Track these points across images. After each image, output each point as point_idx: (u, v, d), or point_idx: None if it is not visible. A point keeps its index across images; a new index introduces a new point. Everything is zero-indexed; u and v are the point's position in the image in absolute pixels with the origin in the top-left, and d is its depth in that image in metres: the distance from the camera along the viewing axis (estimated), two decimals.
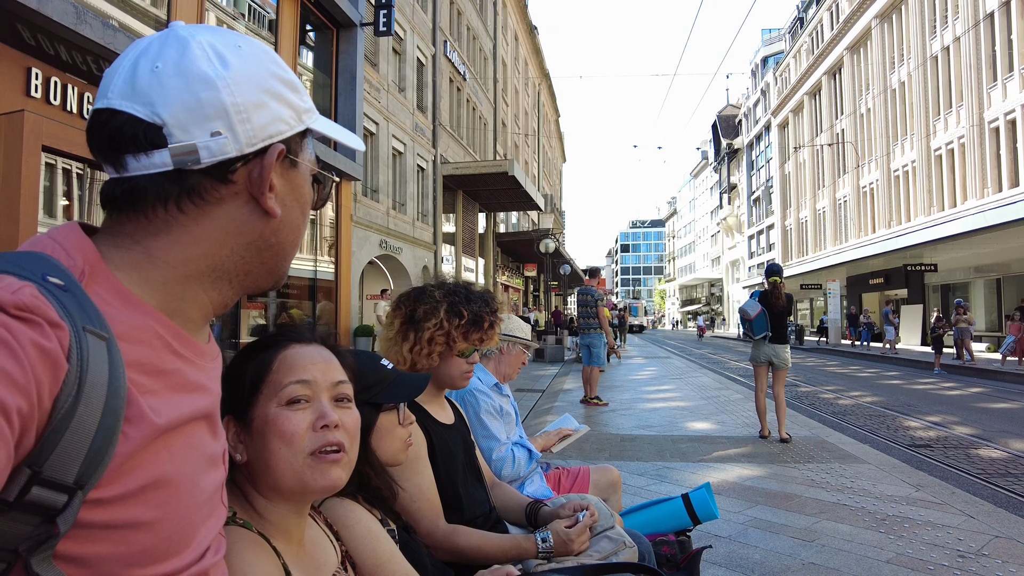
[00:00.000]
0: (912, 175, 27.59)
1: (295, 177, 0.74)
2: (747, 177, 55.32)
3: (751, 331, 6.67)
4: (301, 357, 0.97)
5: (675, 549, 2.32)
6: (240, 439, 0.92)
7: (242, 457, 0.92)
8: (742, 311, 6.74)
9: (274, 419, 0.91)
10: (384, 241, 16.03)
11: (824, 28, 37.40)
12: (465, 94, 23.54)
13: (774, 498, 4.39)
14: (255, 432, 0.92)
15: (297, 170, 0.74)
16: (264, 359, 0.96)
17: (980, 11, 23.03)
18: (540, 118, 43.01)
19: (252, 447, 0.92)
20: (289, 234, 0.75)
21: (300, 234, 0.77)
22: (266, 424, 0.91)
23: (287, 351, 0.97)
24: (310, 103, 0.77)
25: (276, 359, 0.96)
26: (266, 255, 0.73)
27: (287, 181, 0.73)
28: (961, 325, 17.40)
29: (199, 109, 0.64)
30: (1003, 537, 3.59)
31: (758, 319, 6.58)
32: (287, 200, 0.73)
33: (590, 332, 9.13)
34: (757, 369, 6.76)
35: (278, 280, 0.78)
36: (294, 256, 0.78)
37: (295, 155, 0.74)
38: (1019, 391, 12.45)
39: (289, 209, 0.74)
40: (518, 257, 32.00)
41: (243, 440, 0.92)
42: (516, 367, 2.71)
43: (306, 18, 11.28)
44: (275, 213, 0.71)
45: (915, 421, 8.81)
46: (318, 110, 0.79)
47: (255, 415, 0.92)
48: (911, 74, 27.40)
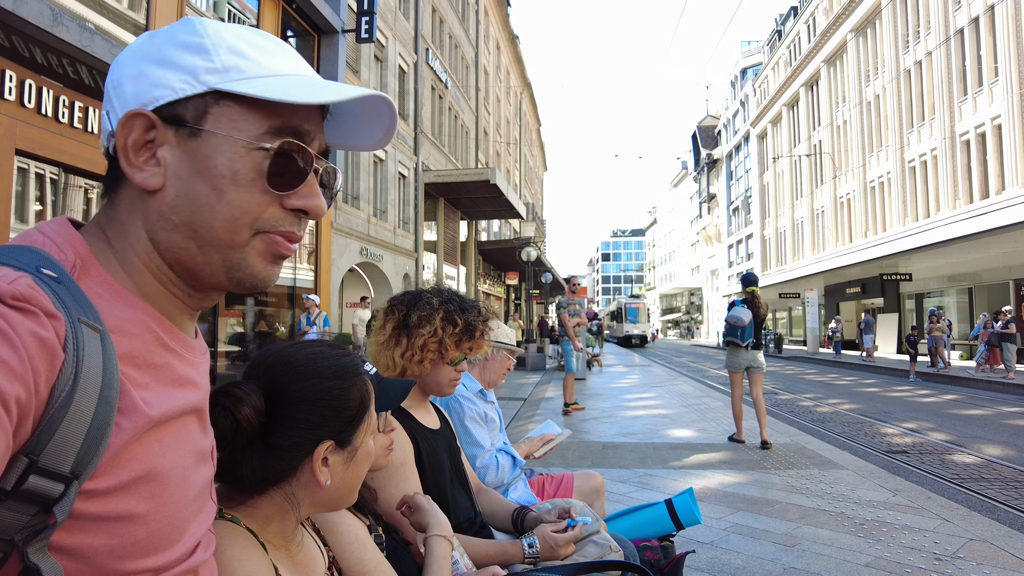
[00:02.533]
0: (888, 186, 28.13)
1: (198, 147, 0.64)
2: (726, 187, 55.97)
3: (741, 338, 6.78)
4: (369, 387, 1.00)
5: (659, 554, 2.32)
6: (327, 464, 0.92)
7: (330, 483, 0.92)
8: (735, 319, 6.81)
9: (371, 449, 0.98)
10: (365, 248, 15.95)
11: (801, 41, 38.09)
12: (447, 102, 23.57)
13: (755, 504, 4.42)
14: (355, 461, 0.95)
15: (202, 139, 0.64)
16: (362, 391, 0.96)
17: (951, 27, 23.64)
18: (522, 127, 43.19)
19: (344, 473, 0.94)
20: (197, 212, 0.64)
21: (218, 211, 0.65)
22: (367, 455, 0.97)
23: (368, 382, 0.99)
24: (235, 62, 0.66)
25: (367, 392, 0.98)
26: (176, 239, 0.65)
27: (185, 152, 0.64)
28: (935, 333, 17.74)
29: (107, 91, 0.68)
30: (977, 540, 3.65)
31: (750, 326, 6.76)
32: (183, 172, 0.64)
33: (565, 339, 9.45)
34: (735, 375, 6.93)
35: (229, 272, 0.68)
36: (230, 239, 0.66)
37: (196, 122, 0.64)
38: (991, 398, 12.70)
39: (186, 182, 0.64)
40: (500, 265, 32.01)
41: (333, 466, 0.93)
42: (501, 373, 2.71)
43: (287, 24, 11.24)
44: (147, 185, 0.64)
45: (892, 428, 8.94)
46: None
47: (359, 444, 0.95)
48: (886, 87, 27.99)
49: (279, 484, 0.90)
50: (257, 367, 0.93)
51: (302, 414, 0.88)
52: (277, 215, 0.68)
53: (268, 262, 0.69)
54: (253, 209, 0.66)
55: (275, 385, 0.89)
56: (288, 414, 0.88)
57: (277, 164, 0.66)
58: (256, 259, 0.68)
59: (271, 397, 0.88)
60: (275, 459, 0.87)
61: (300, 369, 0.91)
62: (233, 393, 0.85)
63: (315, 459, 0.89)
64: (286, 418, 0.88)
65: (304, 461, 0.89)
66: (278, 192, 0.67)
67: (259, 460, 0.86)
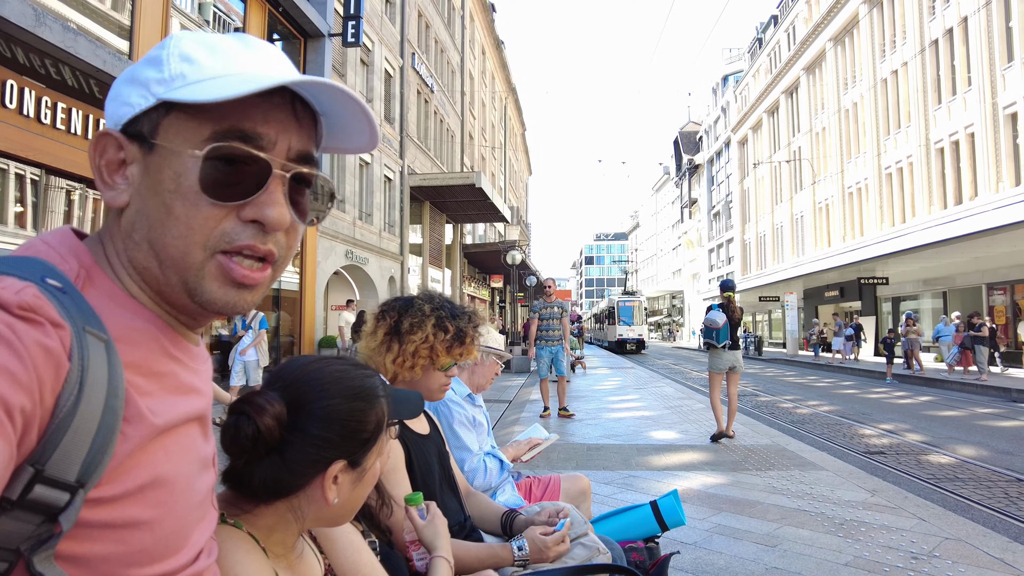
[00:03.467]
0: (865, 192, 28.59)
1: (152, 161, 0.63)
2: (707, 192, 56.49)
3: (716, 339, 7.23)
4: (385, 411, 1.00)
5: (644, 555, 2.36)
6: (336, 482, 0.92)
7: (338, 502, 0.92)
8: (710, 321, 7.25)
9: (378, 471, 0.98)
10: (350, 251, 15.89)
11: (782, 49, 38.60)
12: (433, 106, 23.58)
13: (737, 505, 4.49)
14: (363, 482, 0.96)
15: (155, 153, 0.63)
16: (379, 415, 0.96)
17: (926, 37, 24.13)
18: (507, 131, 43.27)
19: (351, 493, 0.94)
20: (151, 230, 0.63)
21: (164, 229, 0.63)
22: (374, 475, 0.97)
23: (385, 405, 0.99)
24: (180, 69, 0.64)
25: (384, 415, 0.98)
26: (139, 256, 0.65)
27: (145, 167, 0.64)
28: (911, 336, 18.07)
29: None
30: (953, 539, 3.74)
31: (724, 328, 7.21)
32: (142, 188, 0.64)
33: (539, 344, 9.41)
34: (716, 376, 7.38)
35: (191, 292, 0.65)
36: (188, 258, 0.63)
37: (151, 135, 0.63)
38: (964, 399, 12.96)
39: (144, 198, 0.63)
40: (484, 268, 32.04)
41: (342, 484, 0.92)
42: (489, 377, 2.74)
43: (273, 27, 11.20)
44: (112, 203, 0.65)
45: (869, 429, 9.10)
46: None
47: (369, 466, 0.96)
48: (863, 95, 28.47)
49: (287, 497, 0.91)
50: (282, 378, 0.94)
51: (321, 431, 0.89)
52: (233, 228, 0.64)
53: (228, 286, 0.65)
54: (201, 224, 0.63)
55: (298, 399, 0.90)
56: (307, 430, 0.88)
57: (223, 172, 0.63)
58: (213, 283, 0.64)
59: (293, 410, 0.89)
60: (288, 472, 0.88)
61: (325, 387, 0.92)
62: (256, 402, 0.86)
63: (327, 477, 0.89)
64: (305, 433, 0.88)
65: (316, 477, 0.89)
66: (225, 203, 0.63)
67: (272, 471, 0.87)
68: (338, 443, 0.90)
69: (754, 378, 19.25)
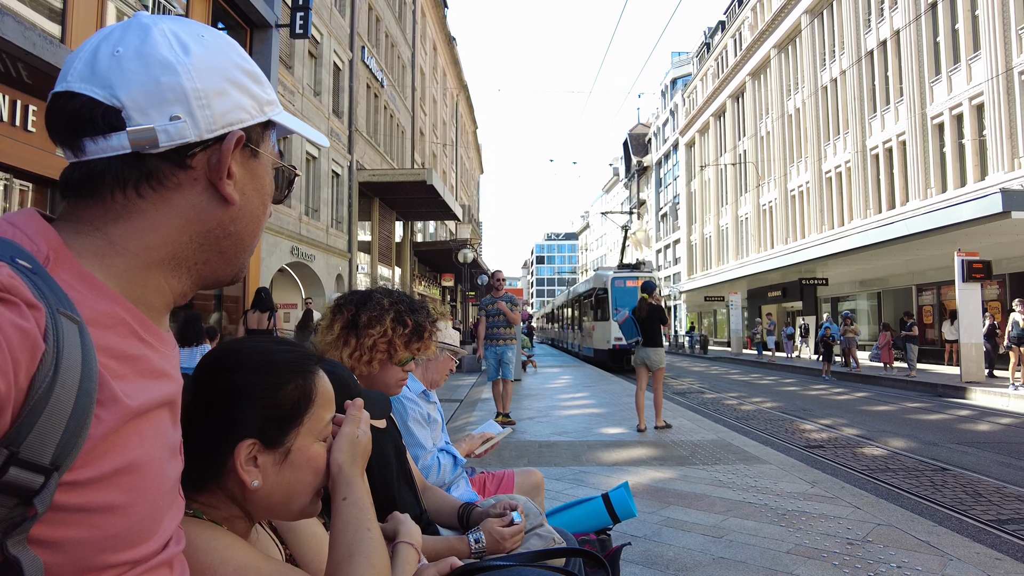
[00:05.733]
0: (806, 195, 29.70)
1: (256, 167, 0.75)
2: (655, 193, 57.66)
3: (627, 336, 8.00)
4: (327, 388, 0.95)
5: (596, 548, 2.40)
6: (256, 464, 0.86)
7: (259, 484, 0.86)
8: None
9: (316, 455, 0.92)
10: (296, 248, 15.55)
11: (728, 54, 39.73)
12: (383, 101, 23.29)
13: (685, 498, 4.60)
14: (289, 463, 0.89)
15: (258, 160, 0.75)
16: (305, 388, 0.90)
17: (862, 48, 25.26)
18: (458, 129, 43.12)
19: (278, 476, 0.88)
20: (249, 224, 0.75)
21: (260, 225, 0.78)
22: (308, 459, 0.91)
23: (319, 380, 0.93)
24: (273, 96, 0.77)
25: (315, 390, 0.91)
26: (225, 244, 0.73)
27: (248, 170, 0.74)
28: (848, 335, 18.90)
29: (158, 93, 0.65)
30: (884, 525, 3.94)
31: (626, 325, 7.89)
32: (247, 189, 0.74)
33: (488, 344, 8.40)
34: (638, 370, 7.92)
35: (237, 272, 0.78)
36: (254, 247, 0.78)
37: (256, 145, 0.74)
38: (896, 394, 13.64)
39: (248, 198, 0.74)
40: (436, 267, 31.87)
41: (263, 466, 0.87)
42: (444, 374, 2.73)
43: (218, 16, 10.86)
44: (233, 200, 0.71)
45: (810, 424, 9.47)
46: None
47: (294, 446, 0.89)
48: (805, 101, 29.58)
49: (217, 481, 0.86)
50: (207, 356, 0.91)
51: (225, 409, 0.85)
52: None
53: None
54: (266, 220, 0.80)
55: (211, 376, 0.87)
56: (212, 406, 0.85)
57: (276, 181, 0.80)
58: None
59: (204, 386, 0.86)
60: (201, 451, 0.83)
61: (239, 360, 0.88)
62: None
63: (237, 457, 0.84)
64: (209, 410, 0.84)
65: (227, 458, 0.85)
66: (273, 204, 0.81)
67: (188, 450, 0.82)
68: (247, 420, 0.85)
69: (700, 376, 19.76)
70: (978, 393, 12.63)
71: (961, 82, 20.28)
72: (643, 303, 7.88)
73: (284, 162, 0.81)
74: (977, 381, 13.74)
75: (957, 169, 20.66)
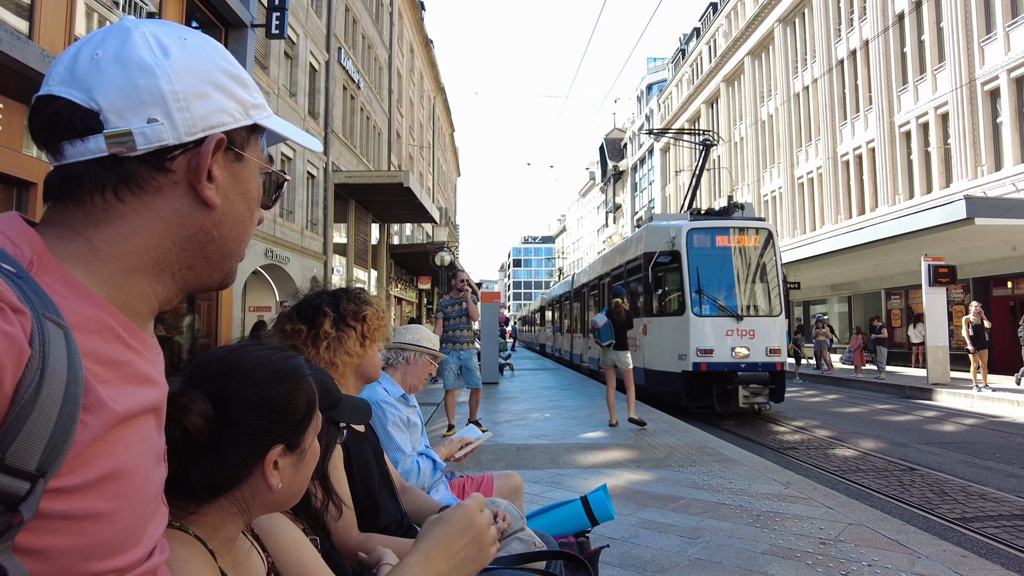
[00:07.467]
0: (779, 200, 30.20)
1: (240, 171, 0.74)
2: (631, 198, 58.12)
3: (599, 338, 8.33)
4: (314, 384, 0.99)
5: (576, 550, 2.41)
6: (277, 467, 0.90)
7: (282, 486, 0.90)
8: (593, 323, 8.37)
9: (316, 449, 0.98)
10: (270, 250, 15.36)
11: (703, 60, 40.25)
12: (359, 102, 23.14)
13: (661, 500, 4.65)
14: (303, 463, 0.94)
15: (243, 164, 0.74)
16: (308, 394, 0.94)
17: (833, 57, 25.81)
18: (435, 131, 43.03)
19: (294, 475, 0.93)
20: (233, 228, 0.74)
21: (246, 230, 0.77)
22: (313, 455, 0.96)
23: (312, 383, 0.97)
24: (260, 100, 0.77)
25: (314, 389, 0.96)
26: (209, 249, 0.73)
27: (231, 174, 0.73)
28: (820, 338, 19.25)
29: (136, 95, 0.65)
30: (855, 524, 4.02)
31: (604, 328, 8.25)
32: (230, 193, 0.73)
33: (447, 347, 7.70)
34: (607, 371, 8.45)
35: (224, 278, 0.77)
36: (241, 253, 0.77)
37: (241, 148, 0.74)
38: (867, 396, 13.92)
39: (232, 202, 0.73)
40: (412, 270, 31.69)
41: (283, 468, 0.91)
42: (423, 377, 2.73)
43: (192, 15, 10.71)
44: (214, 203, 0.70)
45: (783, 426, 9.62)
46: None
47: (307, 446, 0.94)
48: (778, 108, 30.09)
49: (230, 491, 0.89)
50: (201, 373, 0.90)
51: (254, 420, 0.87)
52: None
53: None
54: (253, 225, 0.79)
55: (223, 391, 0.87)
56: (239, 421, 0.86)
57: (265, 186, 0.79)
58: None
59: (219, 404, 0.86)
60: (227, 467, 0.86)
61: (250, 374, 0.90)
62: (179, 402, 0.83)
63: (267, 464, 0.88)
64: (237, 425, 0.86)
65: (256, 467, 0.88)
66: (262, 209, 0.80)
67: (210, 469, 0.84)
68: (272, 429, 0.88)
69: None
70: (943, 395, 12.96)
71: (927, 92, 20.81)
72: (620, 309, 8.31)
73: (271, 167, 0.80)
74: (943, 383, 14.09)
75: (924, 176, 21.19)
